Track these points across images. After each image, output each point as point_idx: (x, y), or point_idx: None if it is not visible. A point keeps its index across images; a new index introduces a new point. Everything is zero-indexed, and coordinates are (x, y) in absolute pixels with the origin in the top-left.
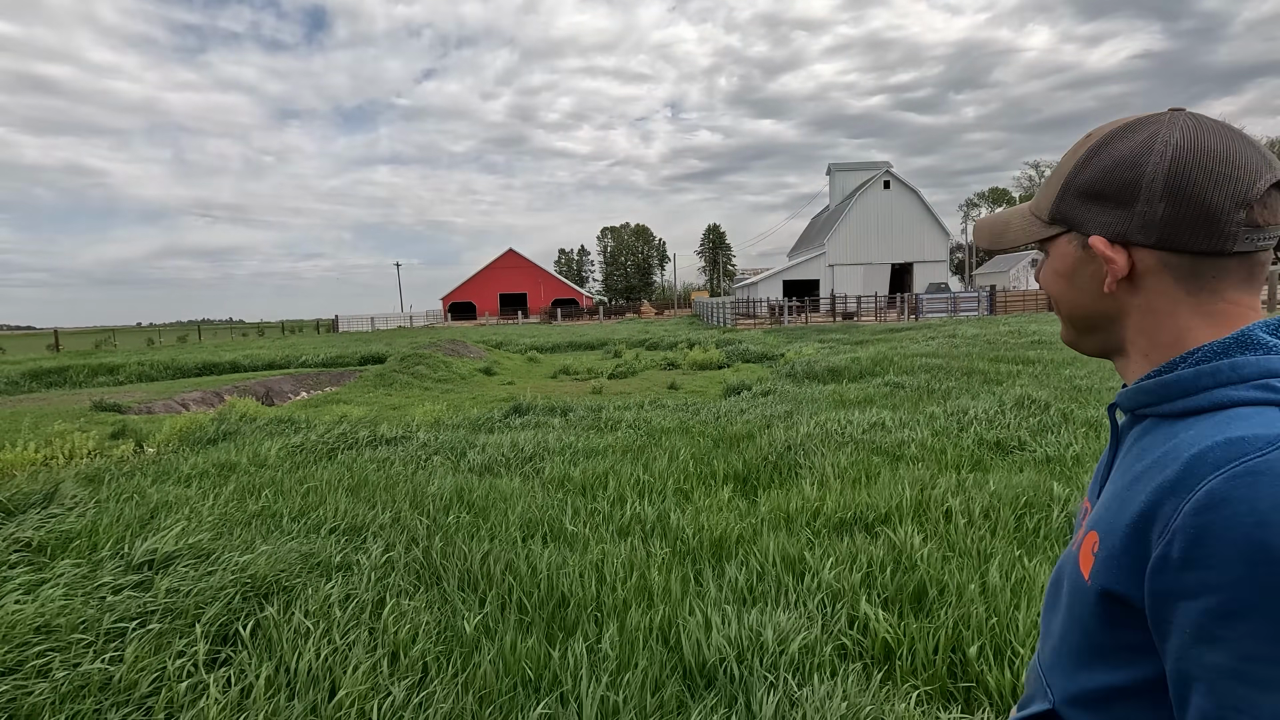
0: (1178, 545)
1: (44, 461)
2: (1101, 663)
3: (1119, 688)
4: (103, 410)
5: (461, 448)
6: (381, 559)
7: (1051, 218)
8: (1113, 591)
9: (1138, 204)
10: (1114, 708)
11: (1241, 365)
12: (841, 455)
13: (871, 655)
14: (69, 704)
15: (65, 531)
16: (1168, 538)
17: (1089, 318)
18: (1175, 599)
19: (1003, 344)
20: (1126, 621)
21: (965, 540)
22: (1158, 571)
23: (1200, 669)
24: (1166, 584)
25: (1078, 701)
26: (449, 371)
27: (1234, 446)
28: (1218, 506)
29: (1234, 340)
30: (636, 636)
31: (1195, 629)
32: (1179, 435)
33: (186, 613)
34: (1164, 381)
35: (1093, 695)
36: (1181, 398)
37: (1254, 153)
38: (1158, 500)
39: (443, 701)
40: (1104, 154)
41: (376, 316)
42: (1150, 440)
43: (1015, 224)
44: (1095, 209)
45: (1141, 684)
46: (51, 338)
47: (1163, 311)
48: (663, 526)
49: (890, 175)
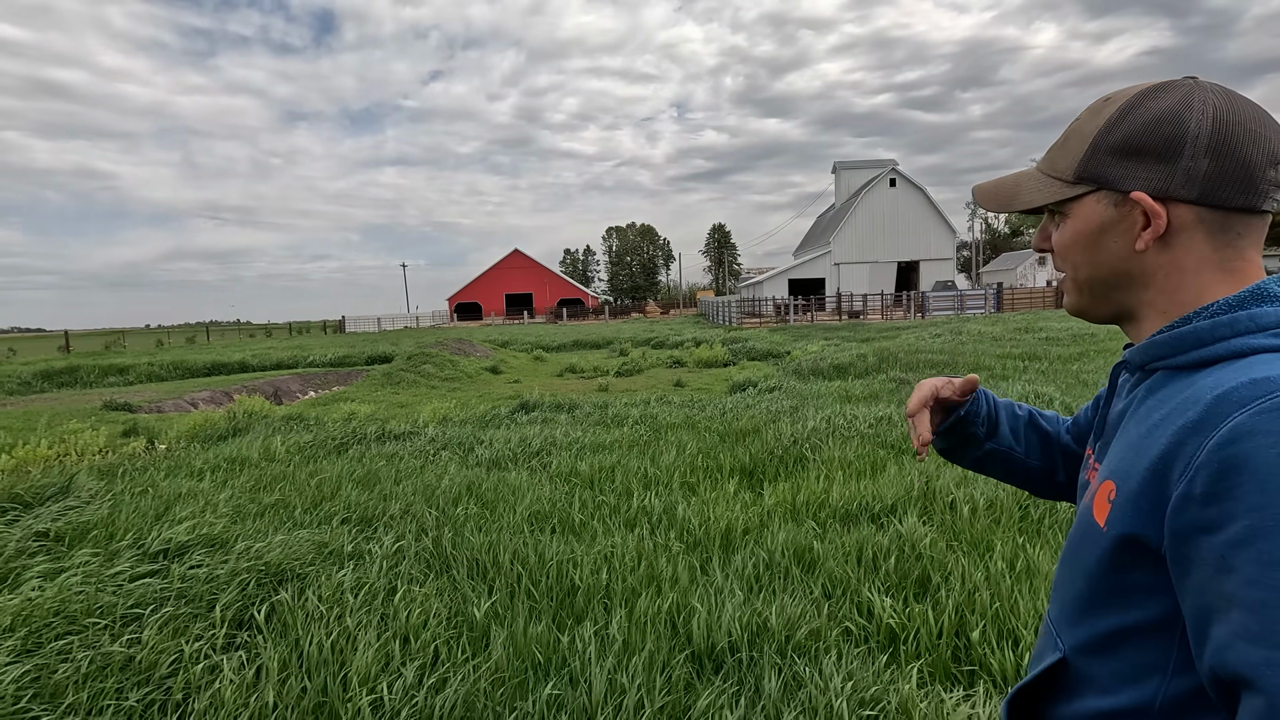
0: (1201, 481)
1: (57, 458)
2: (1110, 607)
3: (1127, 628)
4: (114, 410)
5: (469, 443)
6: (392, 548)
7: (1078, 176)
8: (1130, 535)
9: (1182, 159)
10: (1121, 649)
11: (1260, 316)
12: (848, 449)
13: (877, 640)
14: (91, 683)
15: (83, 523)
16: (1190, 475)
17: (1112, 279)
18: (1197, 534)
19: (1010, 341)
20: (1140, 564)
21: (970, 530)
22: (1179, 509)
23: (1221, 600)
24: (1189, 520)
25: (1087, 648)
26: (456, 370)
27: (1259, 386)
28: (1242, 439)
29: (1249, 294)
30: (645, 622)
31: (1217, 561)
32: (1198, 382)
33: (202, 598)
34: (1180, 334)
35: (1101, 640)
36: (1197, 348)
37: (1274, 118)
38: (1179, 441)
39: (454, 683)
40: (1139, 111)
41: (383, 317)
42: (1166, 391)
43: (1028, 186)
44: (1134, 165)
45: (1148, 623)
46: (62, 339)
47: (1189, 269)
48: (669, 518)
49: (896, 173)
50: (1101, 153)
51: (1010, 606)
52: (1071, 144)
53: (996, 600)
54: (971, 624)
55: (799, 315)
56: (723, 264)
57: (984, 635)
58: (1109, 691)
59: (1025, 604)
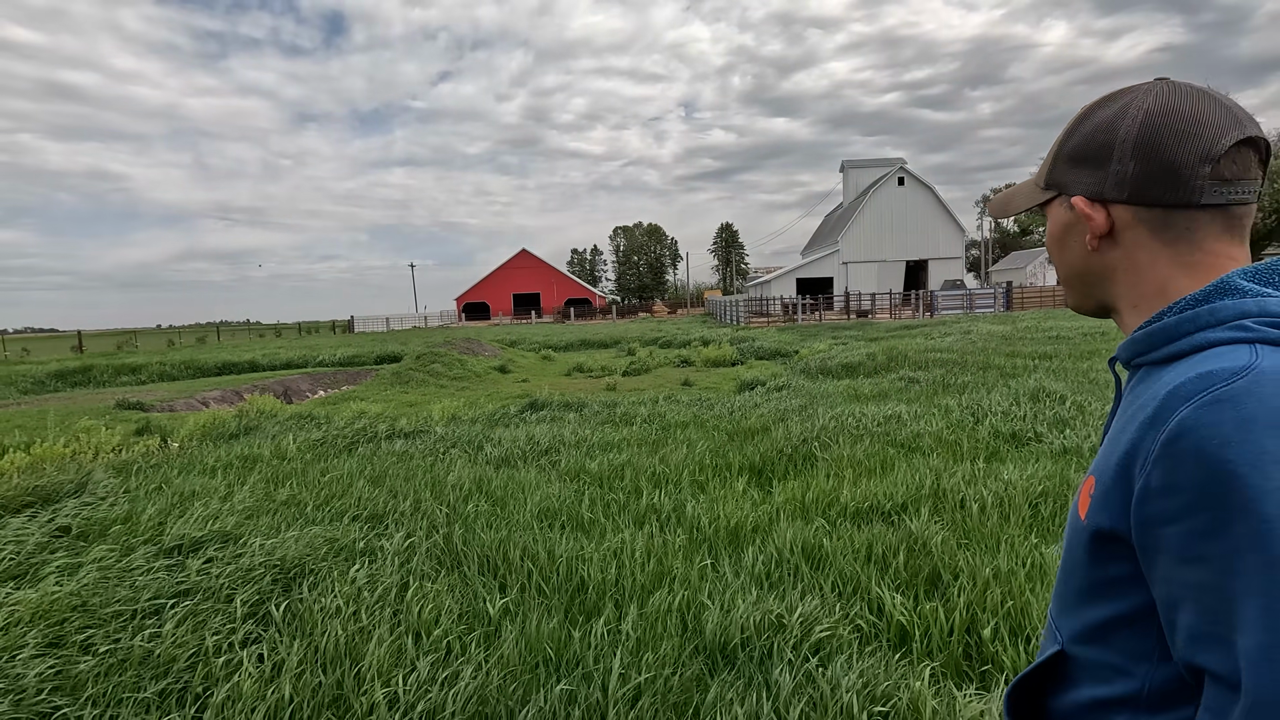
0: (1156, 475)
1: (72, 456)
2: (1099, 598)
3: (1116, 618)
4: (126, 408)
5: (479, 441)
6: (404, 545)
7: (1046, 184)
8: (1104, 529)
9: (1111, 163)
10: (1112, 638)
11: (1219, 310)
12: (857, 447)
13: (887, 638)
14: (113, 676)
15: (100, 519)
16: (1147, 469)
17: (1081, 276)
18: (1158, 526)
19: (1019, 339)
20: (1118, 555)
21: (981, 528)
22: (1141, 502)
23: (1184, 589)
24: (1148, 512)
25: (1081, 638)
26: (464, 369)
27: (1203, 380)
28: (1187, 434)
29: (1213, 288)
30: (656, 619)
31: (1178, 551)
32: (1162, 378)
33: (219, 593)
34: (1150, 331)
35: (1094, 629)
36: (1165, 344)
37: (1223, 112)
38: (1139, 437)
39: (467, 677)
40: (1087, 122)
41: (391, 317)
42: (1141, 387)
43: (1021, 192)
44: (1078, 172)
45: (1134, 612)
46: (74, 340)
47: (1144, 264)
48: (679, 516)
49: (904, 172)
50: (1060, 161)
51: (1022, 604)
52: (1049, 154)
53: (1009, 598)
54: (983, 621)
55: (807, 314)
56: (730, 263)
57: (996, 633)
58: (1103, 680)
59: (1038, 602)
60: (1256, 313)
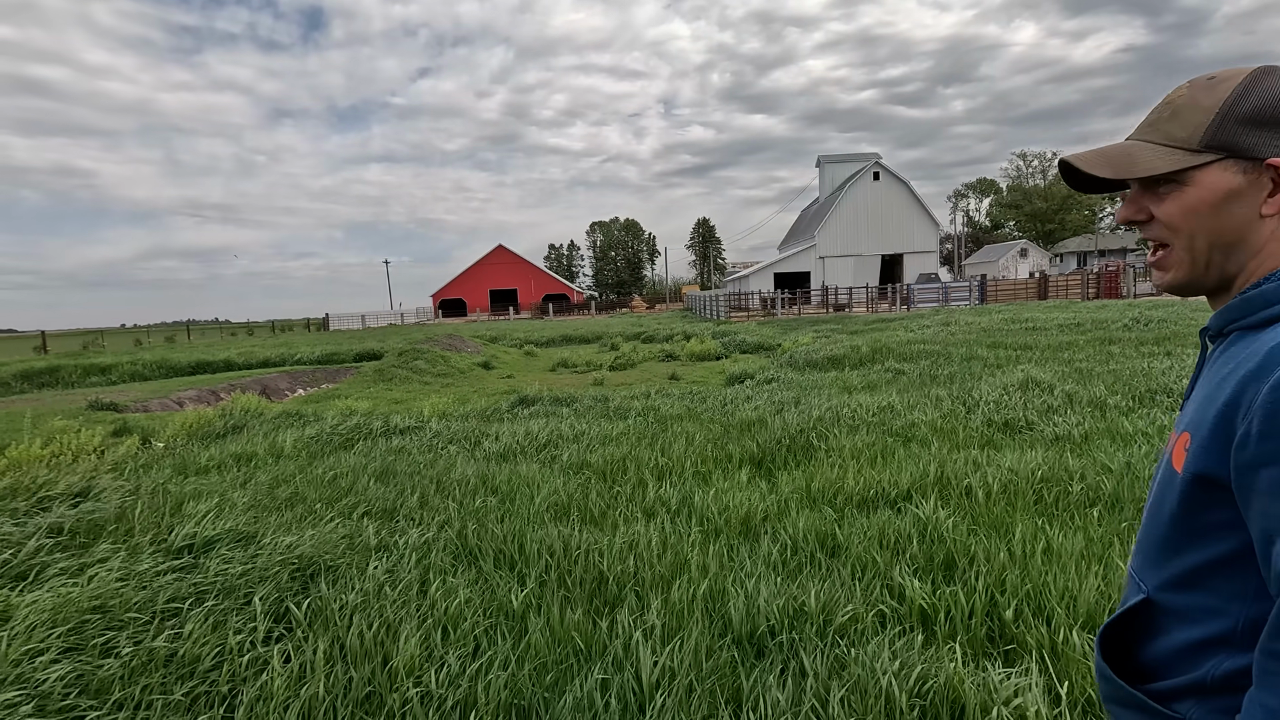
0: (1258, 420)
1: (51, 457)
2: (1190, 545)
3: (1207, 563)
4: (99, 409)
5: (475, 437)
6: (419, 540)
7: (1206, 144)
8: (1203, 475)
9: None
10: (1203, 583)
11: None
12: (855, 437)
13: (910, 622)
14: (139, 677)
15: (98, 519)
16: (1250, 416)
17: (1233, 245)
18: (1257, 467)
19: (998, 331)
20: (1214, 502)
21: (988, 513)
22: (1241, 447)
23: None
24: (1249, 456)
25: (1170, 585)
26: (448, 366)
27: None
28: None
29: None
30: (681, 608)
31: (1275, 488)
32: (1262, 338)
33: (238, 591)
34: (1249, 297)
35: (1184, 576)
36: (1264, 308)
37: None
38: (1241, 388)
39: (498, 670)
40: (1264, 87)
41: (367, 314)
42: (1236, 349)
43: (1144, 154)
44: (1266, 135)
45: (1227, 556)
46: (37, 340)
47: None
48: (687, 507)
49: (880, 167)
50: (1231, 122)
51: (1040, 585)
52: (1187, 116)
53: (1027, 580)
54: (1004, 604)
55: (786, 309)
56: (708, 258)
57: (1018, 613)
58: (1196, 623)
59: (1054, 583)
60: None
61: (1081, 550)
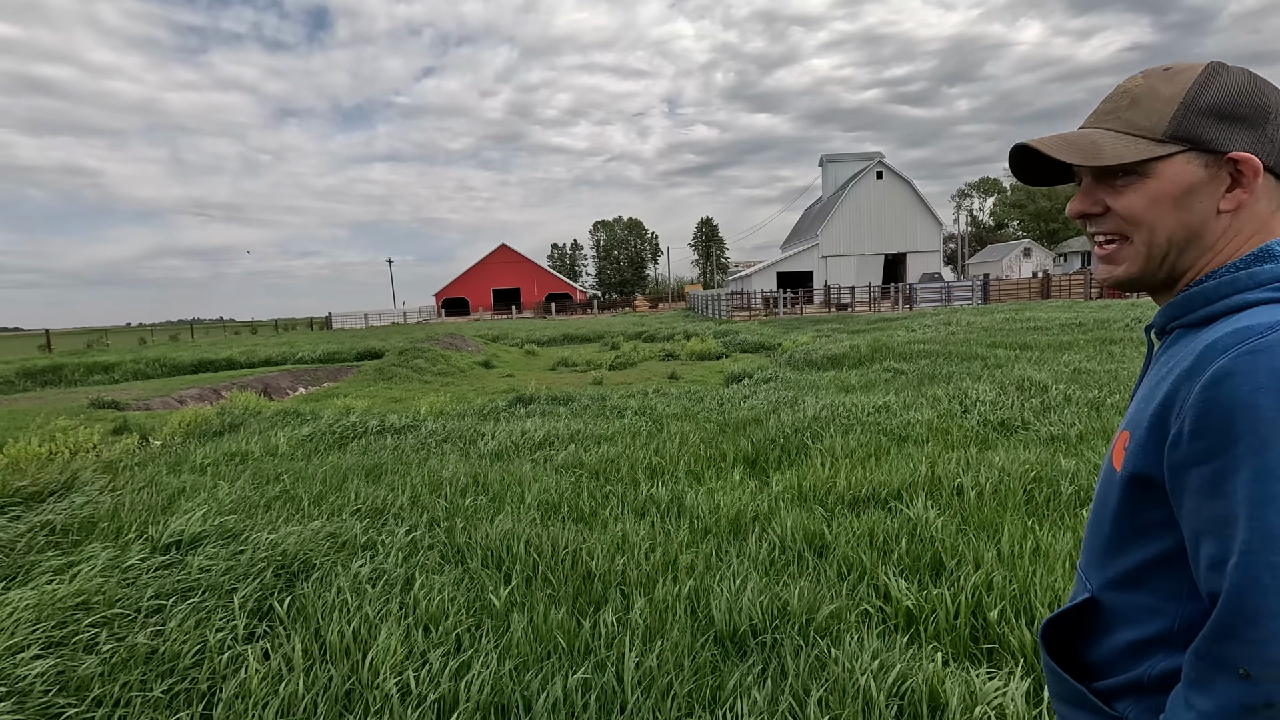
0: (1189, 419)
1: (50, 455)
2: (1132, 544)
3: (1147, 562)
4: (101, 408)
5: (471, 435)
6: (406, 538)
7: (1171, 135)
8: (1139, 474)
9: (1268, 126)
10: (1144, 582)
11: (1258, 274)
12: (849, 437)
13: (895, 622)
14: (120, 674)
15: (88, 517)
16: (1182, 416)
17: (1188, 241)
18: (1188, 466)
19: (999, 330)
20: (1151, 501)
21: (978, 513)
22: (1174, 445)
23: (1210, 523)
24: (1180, 455)
25: (1113, 584)
26: (448, 365)
27: (1239, 334)
28: (1221, 381)
29: (1254, 255)
30: (665, 607)
31: (1205, 488)
32: (1200, 337)
33: (222, 589)
34: (1189, 295)
35: (1126, 576)
36: (1203, 306)
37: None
38: (1176, 388)
39: (479, 668)
40: (1222, 80)
41: (370, 313)
42: (1176, 348)
43: (1110, 143)
44: (1228, 128)
45: (1164, 555)
46: (41, 339)
47: (1246, 233)
48: (678, 506)
49: (883, 166)
50: (1194, 114)
51: (1026, 586)
52: (1149, 105)
53: (1013, 581)
54: (989, 604)
55: (788, 308)
56: (711, 258)
57: (1003, 615)
58: (1137, 623)
59: (1041, 583)
60: None
61: (1070, 551)
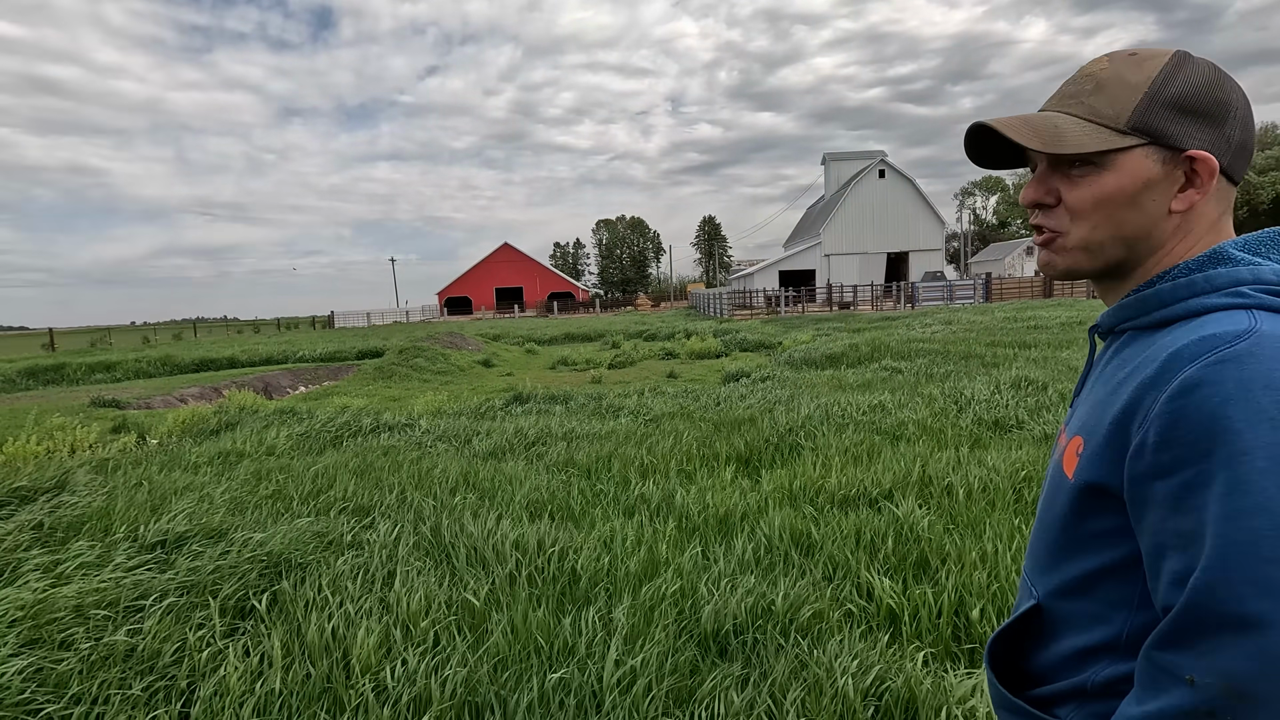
0: (1154, 430)
1: (46, 454)
2: (1080, 551)
3: (1096, 571)
4: (101, 406)
5: (465, 434)
6: (391, 537)
7: (1132, 126)
8: (1094, 483)
9: (1227, 125)
10: (1092, 590)
11: (1214, 277)
12: (843, 435)
13: (877, 621)
14: (98, 672)
15: (77, 516)
16: (1146, 426)
17: (1135, 239)
18: (1152, 478)
19: (999, 329)
20: (1104, 509)
21: (967, 513)
22: (1136, 456)
23: (1173, 537)
24: (1144, 466)
25: (1060, 592)
26: (448, 364)
27: (1205, 342)
28: (1190, 392)
29: (1207, 257)
30: (649, 607)
31: (1170, 503)
32: (1158, 341)
33: (203, 588)
34: (1143, 297)
35: (1074, 583)
36: (1159, 309)
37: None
38: (1138, 396)
39: (456, 667)
40: (1187, 71)
41: (372, 312)
42: (1130, 351)
43: (1071, 130)
44: (1189, 124)
45: (1115, 564)
46: (46, 338)
47: (1195, 234)
48: (668, 505)
49: (885, 164)
50: (1158, 105)
51: (1008, 585)
52: (1114, 92)
53: (995, 580)
54: (971, 604)
55: (790, 307)
56: (713, 256)
57: (984, 613)
58: (1082, 630)
59: None
60: (1251, 280)
61: None
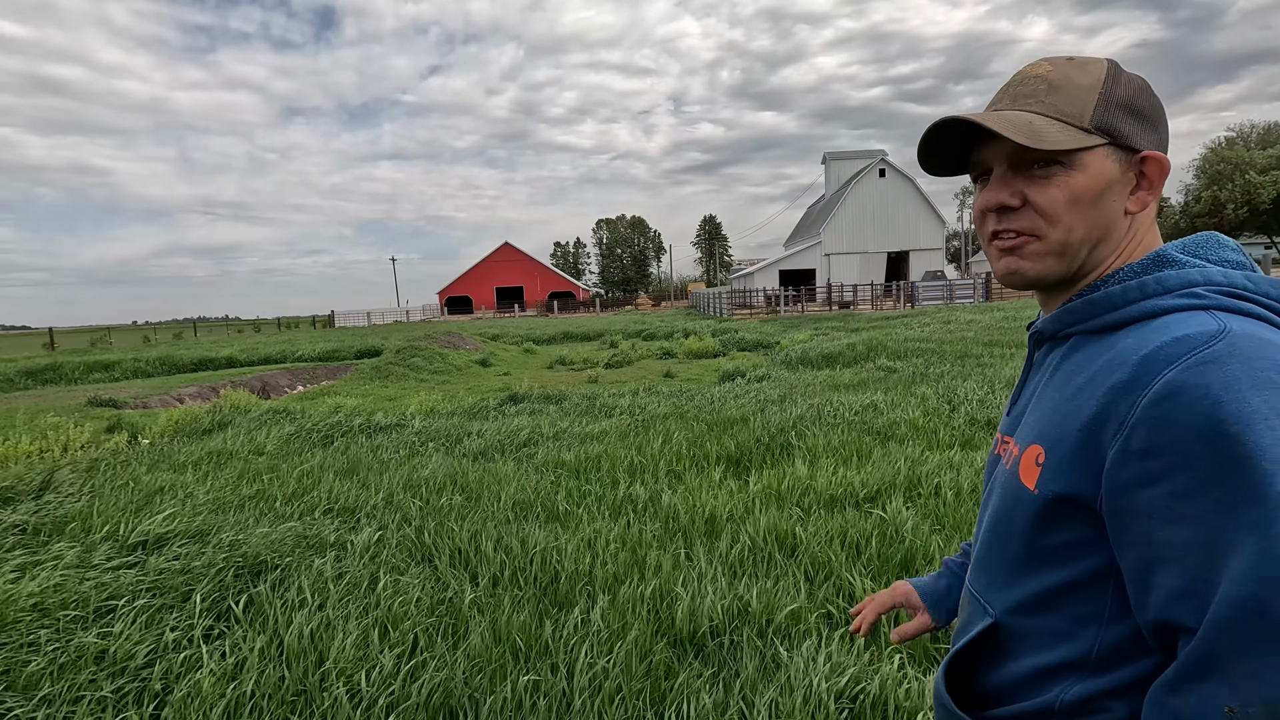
0: (1138, 436)
1: (39, 453)
2: (1044, 566)
3: (1063, 584)
4: (98, 406)
5: (456, 434)
6: (374, 538)
7: (1095, 126)
8: (1062, 494)
9: (1161, 129)
10: (1057, 605)
11: (1165, 279)
12: (834, 435)
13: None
14: (68, 674)
15: (60, 516)
16: (1126, 433)
17: (1099, 241)
18: (1137, 488)
19: (998, 329)
20: (1072, 520)
21: (954, 514)
22: (1118, 465)
23: (1167, 549)
24: (1128, 475)
25: (1020, 608)
26: (445, 363)
27: (1181, 344)
28: (1175, 395)
29: (1151, 260)
30: (627, 608)
31: (1161, 512)
32: (1118, 344)
33: (178, 589)
34: (1092, 300)
35: (1036, 598)
36: (1110, 312)
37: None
38: (1111, 401)
39: (432, 670)
40: (1126, 76)
41: (373, 311)
42: (1083, 355)
43: (1046, 128)
44: (1138, 125)
45: (1086, 576)
46: (46, 337)
47: (1139, 234)
48: (655, 506)
49: (886, 164)
50: (1113, 106)
51: None
52: (1070, 93)
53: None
54: None
55: (790, 306)
56: (713, 255)
57: None
58: (1045, 648)
59: None
60: (1203, 281)
61: None
